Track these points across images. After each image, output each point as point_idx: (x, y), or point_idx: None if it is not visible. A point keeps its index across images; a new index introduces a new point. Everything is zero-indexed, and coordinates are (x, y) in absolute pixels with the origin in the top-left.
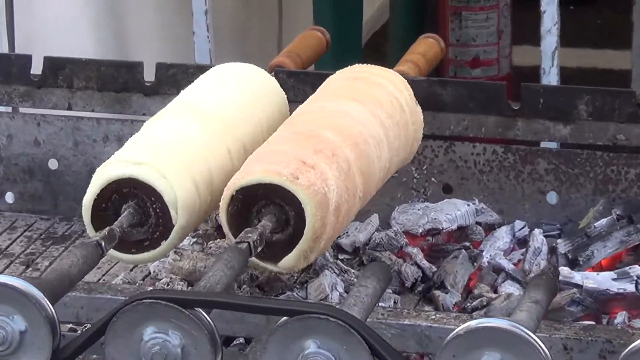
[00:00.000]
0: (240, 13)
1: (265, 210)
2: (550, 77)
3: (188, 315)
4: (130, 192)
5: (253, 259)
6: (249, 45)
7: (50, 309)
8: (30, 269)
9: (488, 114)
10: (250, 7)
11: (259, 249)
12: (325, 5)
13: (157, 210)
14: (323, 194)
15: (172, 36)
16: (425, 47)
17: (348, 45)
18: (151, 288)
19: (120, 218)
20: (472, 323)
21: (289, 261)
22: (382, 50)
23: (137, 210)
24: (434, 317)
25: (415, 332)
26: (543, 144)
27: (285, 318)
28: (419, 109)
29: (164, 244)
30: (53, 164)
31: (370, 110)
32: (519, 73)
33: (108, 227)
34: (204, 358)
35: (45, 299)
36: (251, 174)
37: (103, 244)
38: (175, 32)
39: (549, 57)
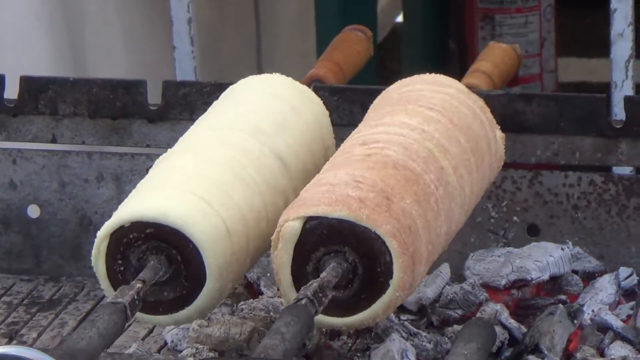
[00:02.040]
0: (215, 22)
1: (326, 259)
2: (624, 93)
3: None
4: (149, 240)
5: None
6: (225, 60)
7: None
8: (14, 341)
9: (584, 134)
10: (224, 14)
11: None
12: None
13: (186, 263)
14: (410, 239)
15: (142, 50)
16: (498, 54)
17: None
18: (190, 359)
19: (143, 272)
20: None
21: (364, 317)
22: (395, 58)
23: (162, 263)
24: None
25: None
26: None
27: None
28: (499, 132)
29: (196, 305)
30: (34, 211)
31: (446, 135)
32: (565, 92)
33: (129, 286)
34: None
35: None
36: (311, 207)
37: (128, 306)
38: (146, 45)
39: (622, 68)
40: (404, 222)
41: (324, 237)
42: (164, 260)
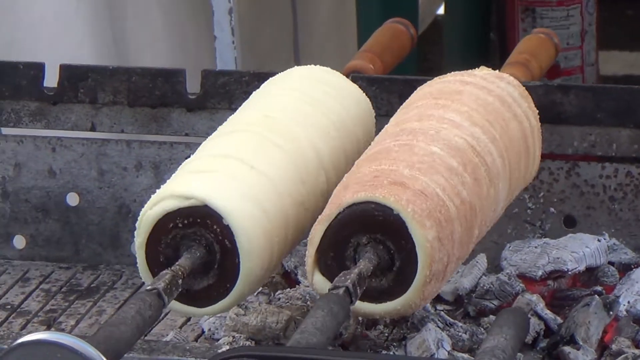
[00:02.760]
0: (253, 13)
1: (362, 249)
2: None
3: None
4: (186, 230)
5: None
6: (263, 51)
7: None
8: (52, 329)
9: (621, 126)
10: (262, 5)
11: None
12: None
13: (224, 252)
14: (394, 176)
15: (183, 40)
16: (535, 45)
17: None
18: (226, 347)
19: (180, 261)
20: None
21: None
22: (436, 51)
23: (201, 252)
24: None
25: None
26: None
27: None
28: (479, 70)
29: (232, 294)
30: (73, 199)
31: (481, 127)
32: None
33: (167, 273)
34: None
35: None
36: (344, 200)
37: (164, 294)
38: (186, 36)
39: None
40: (379, 175)
41: (337, 248)
42: (202, 249)
